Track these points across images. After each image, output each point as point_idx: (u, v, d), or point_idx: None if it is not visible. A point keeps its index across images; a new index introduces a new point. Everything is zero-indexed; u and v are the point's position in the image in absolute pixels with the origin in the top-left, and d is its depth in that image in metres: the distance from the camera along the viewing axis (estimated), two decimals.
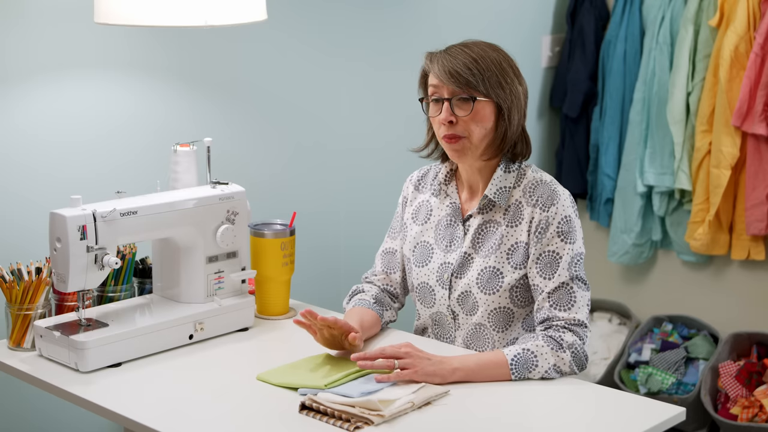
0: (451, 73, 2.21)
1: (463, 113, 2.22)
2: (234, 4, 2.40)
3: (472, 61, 2.21)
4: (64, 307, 2.36)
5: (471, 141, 2.23)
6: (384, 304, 2.40)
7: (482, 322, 2.28)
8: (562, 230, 2.21)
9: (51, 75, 2.60)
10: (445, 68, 2.21)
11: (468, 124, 2.22)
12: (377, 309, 2.37)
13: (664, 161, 3.75)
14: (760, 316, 3.76)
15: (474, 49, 2.23)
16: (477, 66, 2.21)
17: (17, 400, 2.63)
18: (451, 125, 2.23)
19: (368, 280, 2.47)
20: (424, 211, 2.39)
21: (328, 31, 3.23)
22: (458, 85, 2.21)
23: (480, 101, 2.21)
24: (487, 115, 2.23)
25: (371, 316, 2.34)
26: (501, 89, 2.22)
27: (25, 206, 2.59)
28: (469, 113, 2.22)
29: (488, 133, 2.24)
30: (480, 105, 2.22)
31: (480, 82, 2.20)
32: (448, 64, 2.21)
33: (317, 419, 1.94)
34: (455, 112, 2.22)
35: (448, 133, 2.24)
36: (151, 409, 2.01)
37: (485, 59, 2.22)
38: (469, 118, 2.22)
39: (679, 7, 3.69)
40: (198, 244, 2.38)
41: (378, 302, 2.39)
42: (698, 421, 3.66)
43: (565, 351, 2.13)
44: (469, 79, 2.20)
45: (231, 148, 2.99)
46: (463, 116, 2.22)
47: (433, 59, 2.25)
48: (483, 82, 2.20)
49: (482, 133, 2.23)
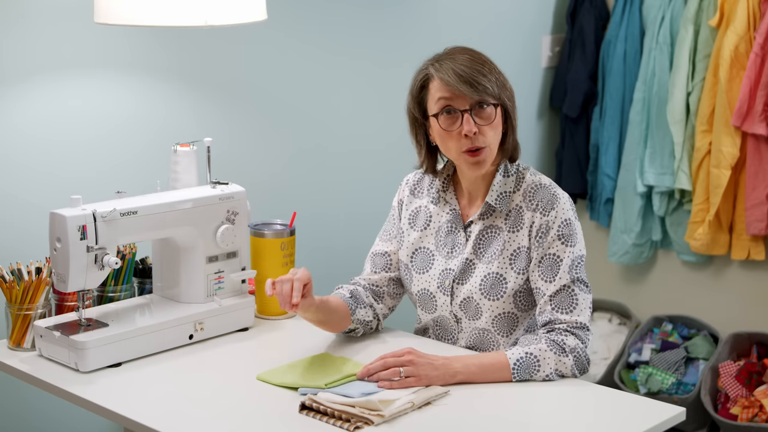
0: (467, 80, 2.13)
1: (483, 122, 2.15)
2: (234, 4, 2.40)
3: (480, 65, 2.15)
4: (64, 307, 2.36)
5: (492, 150, 2.18)
6: (359, 301, 2.32)
7: (487, 327, 2.27)
8: (563, 233, 2.20)
9: (50, 75, 2.60)
10: (459, 77, 2.12)
11: (488, 132, 2.16)
12: (350, 303, 2.30)
13: (664, 161, 3.75)
14: (760, 316, 3.76)
15: (471, 52, 2.19)
16: (485, 69, 2.15)
17: (17, 400, 2.63)
18: (473, 137, 2.15)
19: (354, 281, 2.41)
20: (423, 216, 2.36)
21: (328, 32, 3.23)
22: (476, 92, 2.13)
23: (493, 106, 2.16)
24: (499, 120, 2.19)
25: (339, 303, 2.27)
26: (505, 90, 2.19)
27: (25, 206, 2.59)
28: (492, 120, 2.15)
29: (499, 138, 2.21)
30: (493, 110, 2.17)
31: (491, 85, 2.14)
32: (460, 72, 2.13)
33: (317, 419, 1.94)
34: (476, 121, 2.15)
35: (473, 146, 2.16)
36: (151, 409, 2.01)
37: (486, 61, 2.18)
38: (491, 126, 2.16)
39: (679, 7, 3.69)
40: (198, 244, 2.38)
41: (353, 297, 2.32)
42: (698, 421, 3.66)
43: (567, 355, 2.13)
44: (486, 85, 2.13)
45: (231, 148, 2.99)
46: (484, 124, 2.15)
47: (440, 68, 2.16)
48: (492, 85, 2.15)
49: (498, 139, 2.19)
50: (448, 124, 2.17)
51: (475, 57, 2.19)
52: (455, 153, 2.20)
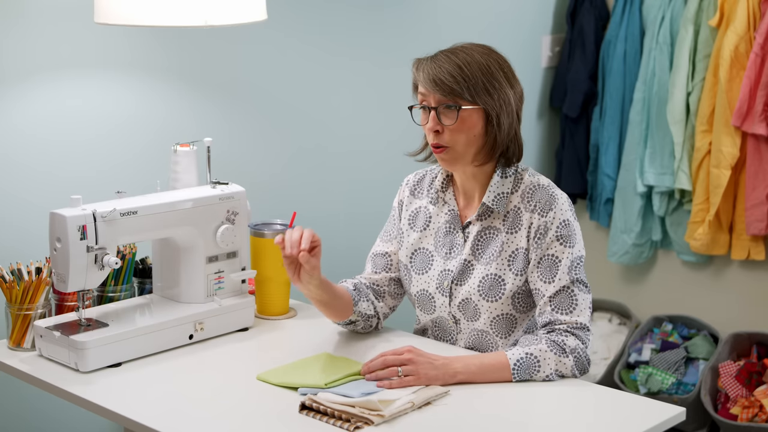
0: (435, 81, 2.17)
1: (449, 122, 2.19)
2: (234, 4, 2.40)
3: (456, 68, 2.17)
4: (64, 307, 2.36)
5: (456, 150, 2.21)
6: (362, 293, 2.34)
7: (485, 329, 2.27)
8: (561, 234, 2.20)
9: (50, 75, 2.60)
10: (429, 76, 2.18)
11: (454, 133, 2.19)
12: (353, 293, 2.31)
13: (664, 161, 3.75)
14: (760, 316, 3.76)
15: (460, 55, 2.19)
16: (461, 73, 2.17)
17: (17, 400, 2.63)
18: (437, 134, 2.20)
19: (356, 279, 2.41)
20: (423, 217, 2.36)
21: (328, 32, 3.23)
22: (443, 93, 2.17)
23: (466, 109, 2.18)
24: (474, 122, 2.20)
25: (343, 291, 2.30)
26: (488, 95, 2.18)
27: (25, 206, 2.59)
28: (455, 122, 2.18)
29: (476, 140, 2.21)
30: (466, 113, 2.18)
31: (465, 89, 2.16)
32: (432, 72, 2.18)
33: (317, 419, 1.94)
34: (441, 120, 2.19)
35: (434, 143, 2.22)
36: (151, 409, 2.01)
37: (471, 65, 2.18)
38: (455, 127, 2.19)
39: (679, 7, 3.69)
40: (198, 244, 2.38)
41: (356, 289, 2.34)
42: (698, 421, 3.66)
43: (568, 356, 2.12)
44: (453, 87, 2.16)
45: (231, 148, 2.99)
46: (449, 125, 2.19)
47: (419, 67, 2.22)
48: (468, 89, 2.17)
49: (468, 140, 2.20)
50: (421, 118, 2.24)
51: (462, 59, 2.18)
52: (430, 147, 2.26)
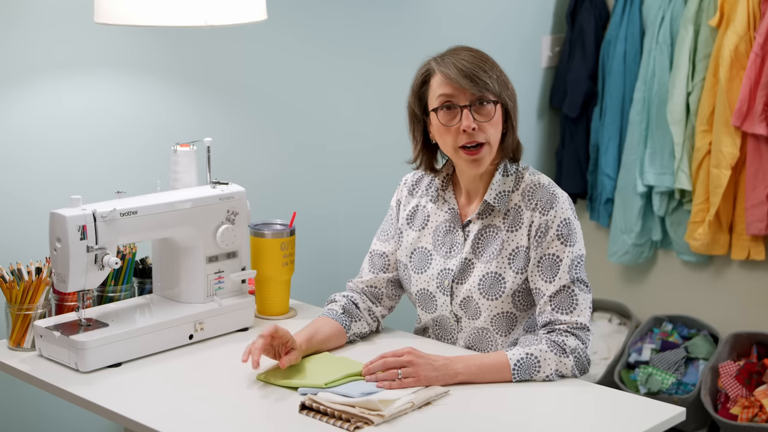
0: (469, 76, 2.13)
1: (483, 118, 2.16)
2: (234, 4, 2.40)
3: (481, 62, 2.16)
4: (64, 307, 2.36)
5: (491, 147, 2.18)
6: (353, 315, 2.32)
7: (486, 326, 2.27)
8: (562, 233, 2.20)
9: (51, 75, 2.60)
10: (461, 72, 2.13)
11: (487, 129, 2.17)
12: (343, 320, 2.30)
13: (664, 161, 3.75)
14: (760, 316, 3.76)
15: (473, 50, 2.20)
16: (486, 65, 2.16)
17: (17, 400, 2.63)
18: (472, 133, 2.16)
19: (351, 286, 2.40)
20: (421, 216, 2.36)
21: (328, 32, 3.23)
22: (477, 88, 2.14)
23: (493, 104, 2.17)
24: (499, 118, 2.19)
25: (332, 327, 2.27)
26: (506, 89, 2.20)
27: (25, 206, 2.59)
28: (491, 117, 2.16)
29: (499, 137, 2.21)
30: (493, 108, 2.17)
31: (492, 83, 2.15)
32: (463, 67, 2.14)
33: (317, 419, 1.94)
34: (475, 118, 2.16)
35: (471, 142, 2.16)
36: (151, 409, 2.01)
37: (488, 60, 2.19)
38: (489, 123, 2.17)
39: (679, 7, 3.69)
40: (198, 244, 2.38)
41: (346, 313, 2.31)
42: (698, 421, 3.66)
43: (568, 356, 2.12)
44: (486, 81, 2.14)
45: (231, 148, 2.99)
46: (485, 120, 2.16)
47: (442, 63, 2.17)
48: (494, 83, 2.16)
49: (498, 137, 2.19)
50: (447, 119, 2.18)
51: (478, 54, 2.19)
52: (452, 149, 2.20)
